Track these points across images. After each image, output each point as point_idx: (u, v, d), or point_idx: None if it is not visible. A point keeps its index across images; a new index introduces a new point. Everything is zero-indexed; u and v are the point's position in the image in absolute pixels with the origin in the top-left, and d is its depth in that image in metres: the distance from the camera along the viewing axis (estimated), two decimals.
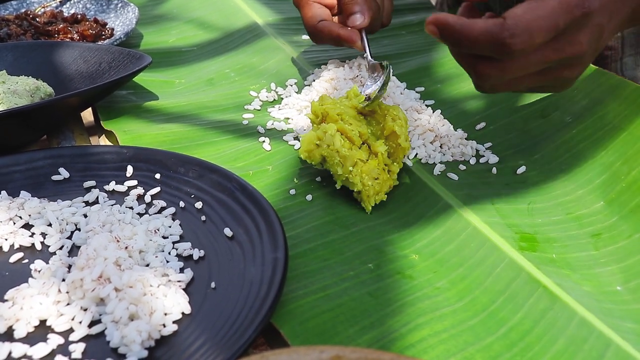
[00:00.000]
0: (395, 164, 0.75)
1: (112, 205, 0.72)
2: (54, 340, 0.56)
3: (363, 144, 0.74)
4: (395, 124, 0.74)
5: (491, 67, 0.64)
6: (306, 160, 0.75)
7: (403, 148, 0.74)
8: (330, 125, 0.73)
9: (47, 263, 0.64)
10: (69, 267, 0.63)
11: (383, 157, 0.73)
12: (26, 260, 0.65)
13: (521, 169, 0.79)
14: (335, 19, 0.97)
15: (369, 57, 0.86)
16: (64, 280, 0.61)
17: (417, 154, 0.82)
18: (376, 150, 0.73)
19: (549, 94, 0.88)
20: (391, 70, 0.79)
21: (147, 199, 0.73)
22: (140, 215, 0.71)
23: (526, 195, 0.76)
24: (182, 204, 0.72)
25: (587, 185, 0.76)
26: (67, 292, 0.59)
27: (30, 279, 0.62)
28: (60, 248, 0.67)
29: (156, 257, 0.64)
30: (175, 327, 0.57)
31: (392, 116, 0.74)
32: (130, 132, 0.86)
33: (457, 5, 1.21)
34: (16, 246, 0.67)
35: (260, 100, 0.95)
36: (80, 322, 0.57)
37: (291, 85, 0.98)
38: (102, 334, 0.57)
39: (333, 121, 0.74)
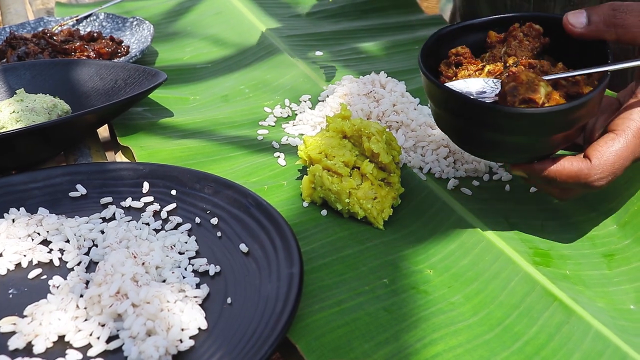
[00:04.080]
0: (392, 174, 0.75)
1: (128, 221, 0.73)
2: (73, 356, 0.57)
3: (353, 168, 0.75)
4: (371, 142, 0.74)
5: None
6: (311, 203, 0.77)
7: (395, 154, 0.75)
8: (315, 166, 0.75)
9: (65, 279, 0.65)
10: (87, 283, 0.64)
11: (373, 176, 0.74)
12: (45, 276, 0.66)
13: (534, 188, 0.79)
14: None
15: None
16: (82, 296, 0.62)
17: (430, 168, 0.82)
18: (364, 171, 0.74)
19: None
20: None
21: (164, 215, 0.73)
22: (157, 231, 0.72)
23: (539, 212, 0.76)
24: (197, 220, 0.72)
25: (600, 208, 0.76)
26: (85, 308, 0.60)
27: (49, 295, 0.62)
28: (78, 264, 0.67)
29: (173, 272, 0.65)
30: (192, 342, 0.58)
31: (367, 135, 0.75)
32: (146, 148, 0.87)
33: (471, 15, 1.22)
34: (35, 262, 0.68)
35: (274, 116, 0.96)
36: (98, 338, 0.58)
37: (305, 101, 0.98)
38: (119, 350, 0.57)
39: (317, 161, 0.75)
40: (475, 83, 0.69)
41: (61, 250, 0.69)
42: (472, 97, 0.67)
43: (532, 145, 0.65)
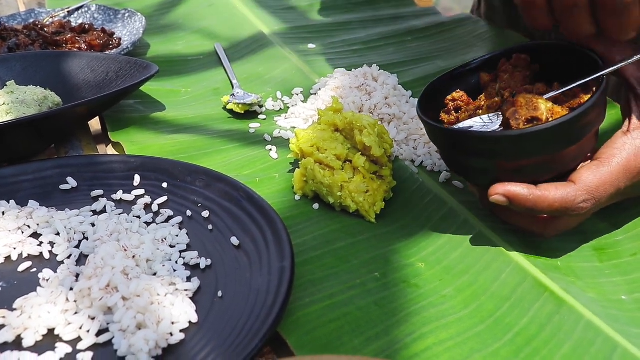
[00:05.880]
0: (384, 167, 0.75)
1: (119, 214, 0.72)
2: (62, 349, 0.56)
3: (345, 162, 0.75)
4: (363, 135, 0.74)
5: (556, 223, 0.68)
6: (302, 196, 0.77)
7: (387, 147, 0.75)
8: (307, 160, 0.74)
9: (55, 272, 0.64)
10: (77, 276, 0.64)
11: (365, 169, 0.74)
12: (34, 269, 0.66)
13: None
14: None
15: None
16: (72, 289, 0.61)
17: (422, 161, 0.82)
18: (356, 165, 0.74)
19: None
20: None
21: (155, 208, 0.73)
22: (148, 224, 0.71)
23: None
24: (189, 213, 0.72)
25: None
26: (75, 301, 0.60)
27: (38, 288, 0.62)
28: (68, 257, 0.67)
29: (163, 266, 0.65)
30: (182, 336, 0.57)
31: (359, 128, 0.75)
32: (138, 143, 0.86)
33: (491, 17, 1.23)
34: (25, 255, 0.68)
35: (266, 109, 0.96)
36: (88, 331, 0.58)
37: (297, 94, 0.98)
38: (109, 343, 0.57)
39: (309, 154, 0.75)
40: (469, 123, 0.68)
41: (51, 243, 0.69)
42: (474, 130, 0.67)
43: (550, 163, 0.64)
